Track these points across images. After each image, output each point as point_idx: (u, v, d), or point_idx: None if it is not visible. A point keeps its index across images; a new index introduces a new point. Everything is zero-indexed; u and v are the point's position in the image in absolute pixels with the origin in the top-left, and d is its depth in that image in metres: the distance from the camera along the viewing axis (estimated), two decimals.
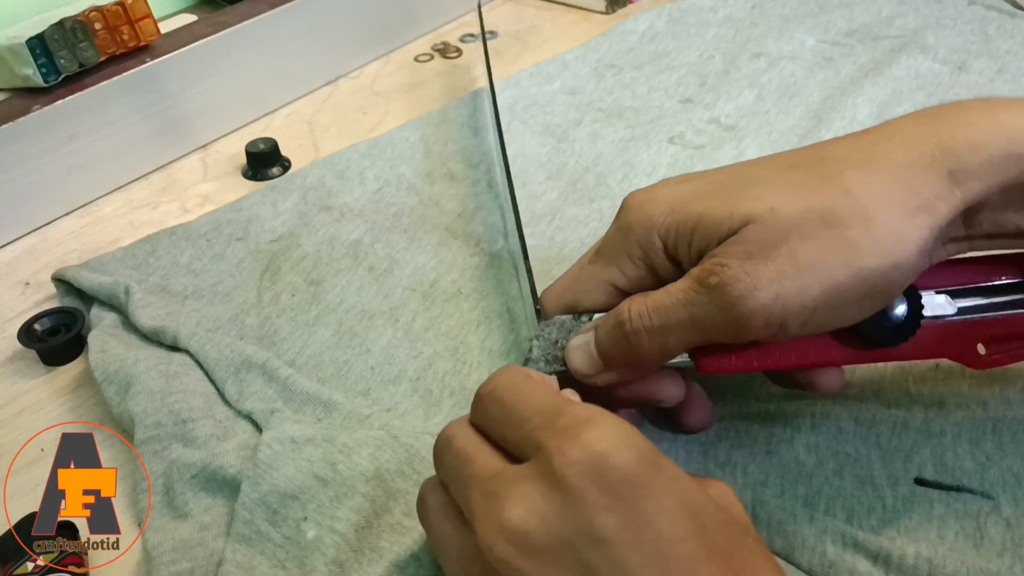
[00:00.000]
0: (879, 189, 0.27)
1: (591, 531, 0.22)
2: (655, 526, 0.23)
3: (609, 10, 0.75)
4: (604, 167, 0.53)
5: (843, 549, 0.30)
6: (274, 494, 0.33)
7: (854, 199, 0.27)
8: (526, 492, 0.24)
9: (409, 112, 0.62)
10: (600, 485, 0.23)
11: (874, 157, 0.28)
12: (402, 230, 0.49)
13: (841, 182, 0.27)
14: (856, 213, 0.27)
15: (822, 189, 0.27)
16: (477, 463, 0.26)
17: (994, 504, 0.31)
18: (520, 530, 0.23)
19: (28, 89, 0.52)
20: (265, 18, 0.60)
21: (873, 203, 0.27)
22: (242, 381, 0.38)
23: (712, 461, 0.34)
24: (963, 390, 0.36)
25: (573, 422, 0.24)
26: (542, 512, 0.23)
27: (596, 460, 0.23)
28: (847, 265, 0.27)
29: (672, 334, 0.29)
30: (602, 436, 0.24)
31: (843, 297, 0.27)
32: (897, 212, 0.27)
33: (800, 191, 0.28)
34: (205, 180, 0.56)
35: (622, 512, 0.23)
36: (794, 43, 0.66)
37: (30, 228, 0.53)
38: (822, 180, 0.28)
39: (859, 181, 0.27)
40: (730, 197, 0.28)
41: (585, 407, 0.25)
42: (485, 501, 0.24)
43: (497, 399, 0.27)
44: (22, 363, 0.43)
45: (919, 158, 0.27)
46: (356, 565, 0.31)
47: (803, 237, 0.27)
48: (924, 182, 0.27)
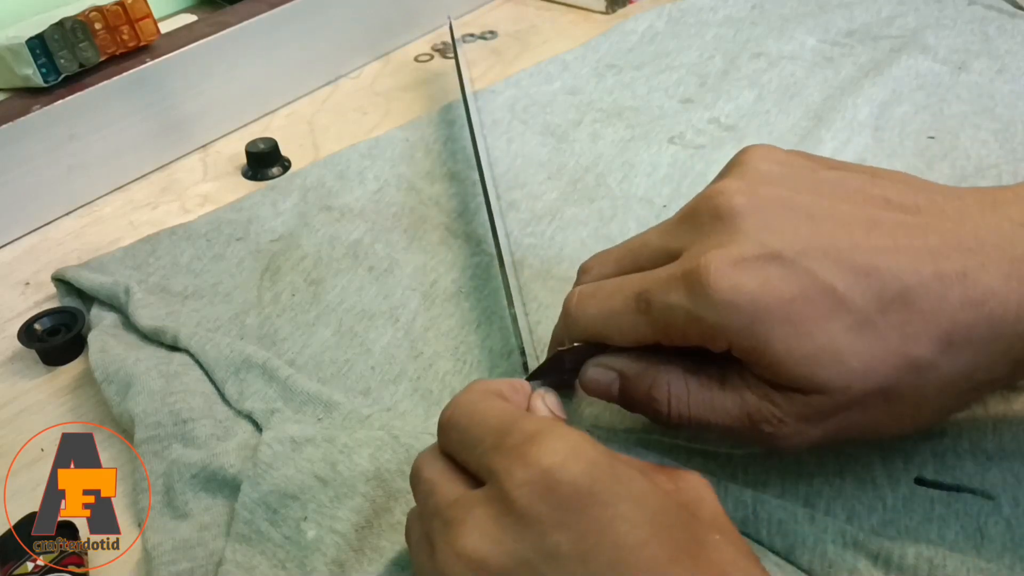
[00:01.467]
0: (947, 370, 0.27)
1: (545, 550, 0.22)
2: (610, 535, 0.22)
3: (609, 10, 0.75)
4: (604, 167, 0.53)
5: (843, 549, 0.30)
6: (274, 494, 0.33)
7: (921, 379, 0.27)
8: (479, 518, 0.24)
9: (409, 112, 0.62)
10: (550, 502, 0.23)
11: (958, 327, 0.26)
12: (402, 230, 0.49)
13: (920, 356, 0.26)
14: (916, 393, 0.27)
15: (898, 367, 0.26)
16: (439, 492, 0.26)
17: (994, 504, 0.31)
18: (476, 557, 0.23)
19: (28, 89, 0.52)
20: (265, 18, 0.60)
21: (935, 386, 0.27)
22: (242, 381, 0.38)
23: (713, 460, 0.34)
24: None
25: (521, 439, 0.24)
26: (496, 537, 0.23)
27: (543, 477, 0.23)
28: (883, 430, 0.28)
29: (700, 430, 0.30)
30: (549, 451, 0.23)
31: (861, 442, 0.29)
32: (951, 393, 0.27)
33: (877, 364, 0.26)
34: (205, 180, 0.56)
35: (575, 525, 0.22)
36: (794, 43, 0.66)
37: (30, 228, 0.53)
38: (902, 349, 0.26)
39: (934, 359, 0.26)
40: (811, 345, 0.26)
41: (535, 421, 0.25)
42: (443, 529, 0.24)
43: (455, 424, 0.27)
44: (22, 363, 0.43)
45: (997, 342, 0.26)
46: (357, 565, 0.31)
47: (863, 410, 0.27)
48: (988, 369, 0.27)
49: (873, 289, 0.26)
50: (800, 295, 0.26)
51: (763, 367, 0.27)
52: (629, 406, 0.31)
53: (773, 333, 0.26)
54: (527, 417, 0.26)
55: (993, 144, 0.52)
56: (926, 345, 0.26)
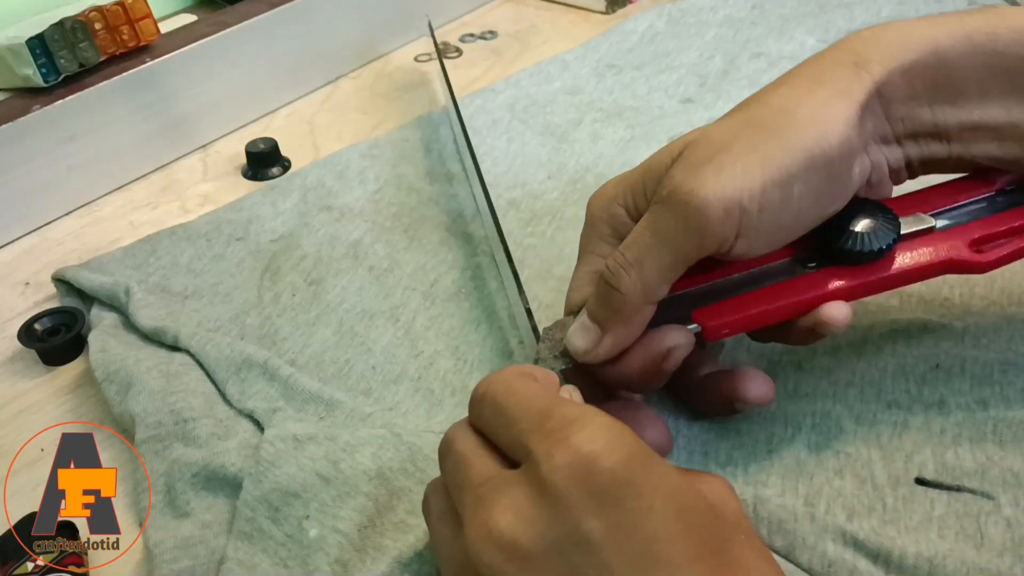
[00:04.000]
0: (796, 93, 0.30)
1: (578, 535, 0.22)
2: (643, 527, 0.22)
3: (609, 10, 0.75)
4: (604, 167, 0.53)
5: (843, 548, 0.30)
6: (276, 492, 0.33)
7: (776, 103, 0.30)
8: (514, 497, 0.24)
9: (409, 112, 0.62)
10: (587, 488, 0.23)
11: (789, 77, 0.31)
12: (402, 230, 0.49)
13: (764, 99, 0.30)
14: (780, 111, 0.30)
15: (748, 108, 0.31)
16: (473, 467, 0.26)
17: (994, 504, 0.31)
18: (508, 536, 0.23)
19: (28, 89, 0.52)
20: (265, 18, 0.60)
21: (793, 102, 0.30)
22: (243, 380, 0.38)
23: (713, 460, 0.34)
24: (964, 389, 0.36)
25: (561, 423, 0.24)
26: (530, 518, 0.23)
27: (583, 463, 0.23)
28: (785, 150, 0.29)
29: (648, 263, 0.29)
30: (590, 437, 0.23)
31: (787, 175, 0.29)
32: (815, 102, 0.30)
33: (729, 116, 0.31)
34: (205, 180, 0.56)
35: (609, 514, 0.22)
36: (794, 43, 0.66)
37: (30, 228, 0.53)
38: (747, 104, 0.31)
39: (779, 93, 0.30)
40: (667, 147, 0.31)
41: (575, 406, 0.25)
42: (475, 506, 0.24)
43: (490, 401, 0.27)
44: (22, 363, 0.43)
45: (826, 63, 0.31)
46: (359, 564, 0.31)
47: (736, 138, 0.29)
48: (832, 76, 0.30)
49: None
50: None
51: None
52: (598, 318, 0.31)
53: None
54: (567, 402, 0.26)
55: None
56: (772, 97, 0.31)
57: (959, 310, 0.40)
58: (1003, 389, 0.36)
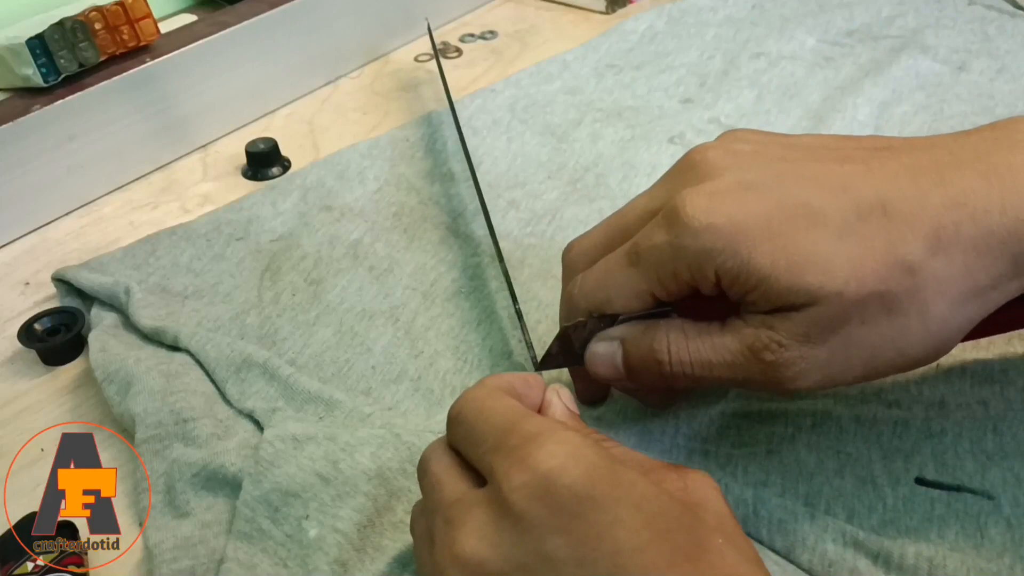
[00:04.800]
0: (942, 272, 0.26)
1: (542, 554, 0.22)
2: (608, 540, 0.22)
3: (609, 10, 0.75)
4: (604, 167, 0.53)
5: (844, 548, 0.30)
6: (276, 492, 0.33)
7: (917, 282, 0.26)
8: (479, 520, 0.24)
9: (409, 112, 0.62)
10: (549, 506, 0.23)
11: (942, 228, 0.26)
12: (402, 230, 0.49)
13: (907, 258, 0.26)
14: (915, 299, 0.26)
15: (888, 266, 0.26)
16: (444, 488, 0.26)
17: (995, 504, 0.31)
18: (474, 560, 0.23)
19: (28, 89, 0.52)
20: (265, 18, 0.60)
21: (933, 289, 0.26)
22: (243, 380, 0.38)
23: (713, 460, 0.34)
24: (964, 389, 0.36)
25: (520, 441, 0.24)
26: (494, 540, 0.23)
27: (542, 480, 0.23)
28: (895, 349, 0.27)
29: (708, 382, 0.29)
30: (548, 454, 0.23)
31: (881, 370, 0.28)
32: (952, 298, 0.26)
33: (866, 264, 0.26)
34: (205, 180, 0.56)
35: (573, 530, 0.22)
36: (794, 43, 0.66)
37: (30, 228, 0.53)
38: (889, 251, 0.26)
39: (924, 260, 0.26)
40: (797, 257, 0.26)
41: (537, 422, 0.25)
42: (444, 528, 0.24)
43: (462, 420, 0.27)
44: (22, 363, 0.43)
45: (988, 239, 0.26)
46: (359, 564, 0.31)
47: (862, 322, 0.26)
48: (986, 269, 0.26)
49: (850, 201, 0.27)
50: (777, 210, 0.27)
51: (751, 288, 0.27)
52: (633, 374, 0.31)
53: (755, 249, 0.26)
54: (529, 418, 0.26)
55: None
56: (913, 244, 0.26)
57: None
58: (1003, 389, 0.36)
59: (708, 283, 0.28)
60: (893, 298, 0.26)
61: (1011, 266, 0.26)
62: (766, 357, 0.27)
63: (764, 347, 0.27)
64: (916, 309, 0.26)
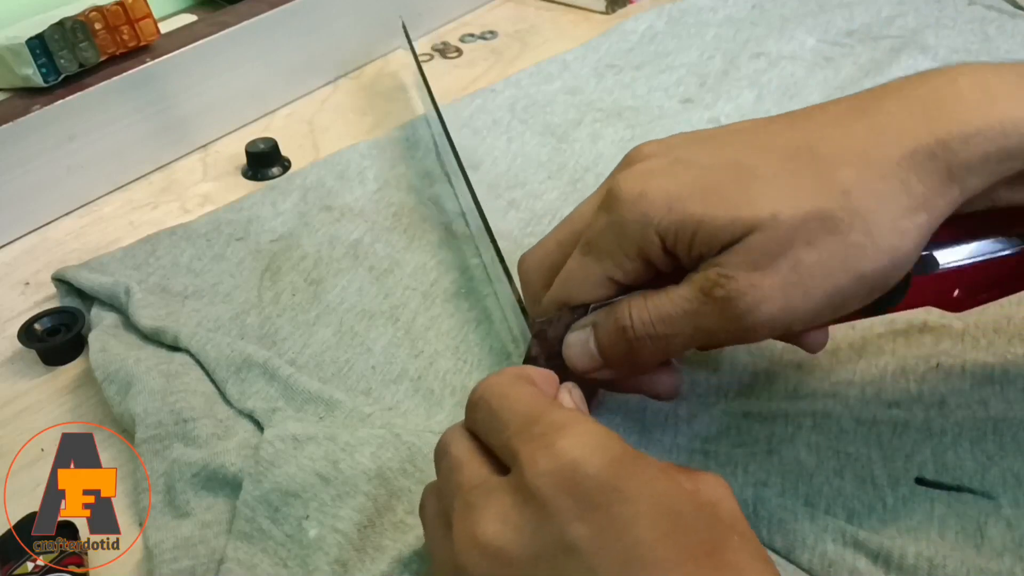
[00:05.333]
0: (877, 188, 0.27)
1: (564, 542, 0.22)
2: (630, 531, 0.22)
3: (609, 10, 0.75)
4: (604, 167, 0.53)
5: (844, 548, 0.30)
6: (276, 492, 0.33)
7: (854, 202, 0.27)
8: (501, 505, 0.24)
9: (410, 112, 0.62)
10: (572, 494, 0.23)
11: (869, 153, 0.27)
12: (402, 230, 0.49)
13: (839, 182, 0.27)
14: (856, 216, 0.26)
15: (821, 190, 0.27)
16: (464, 472, 0.26)
17: (995, 504, 0.31)
18: (494, 544, 0.23)
19: (28, 89, 0.52)
20: (265, 18, 0.60)
21: (872, 205, 0.27)
22: (243, 380, 0.38)
23: (713, 460, 0.34)
24: (964, 389, 0.36)
25: (546, 429, 0.24)
26: (516, 525, 0.23)
27: (567, 469, 0.23)
28: (849, 270, 0.27)
29: (676, 340, 0.29)
30: (574, 443, 0.23)
31: (845, 297, 0.28)
32: (895, 212, 0.27)
33: (799, 192, 0.27)
34: (205, 180, 0.56)
35: (595, 520, 0.22)
36: (794, 43, 0.66)
37: (30, 228, 0.53)
38: (820, 179, 0.27)
39: (857, 181, 0.27)
40: (730, 198, 0.28)
41: (563, 412, 0.25)
42: (464, 512, 0.24)
43: (484, 405, 0.27)
44: (22, 363, 0.43)
45: (915, 154, 0.27)
46: (359, 564, 0.31)
47: (806, 244, 0.27)
48: (922, 180, 0.27)
49: (777, 150, 0.28)
50: (707, 171, 0.28)
51: (692, 236, 0.28)
52: (608, 357, 0.31)
53: (689, 201, 0.28)
54: (556, 407, 0.26)
55: None
56: (843, 170, 0.27)
57: None
58: (1003, 389, 0.36)
59: (656, 250, 0.29)
60: (832, 217, 0.26)
61: (947, 175, 0.27)
62: (717, 293, 0.27)
63: (714, 284, 0.27)
64: (859, 226, 0.26)
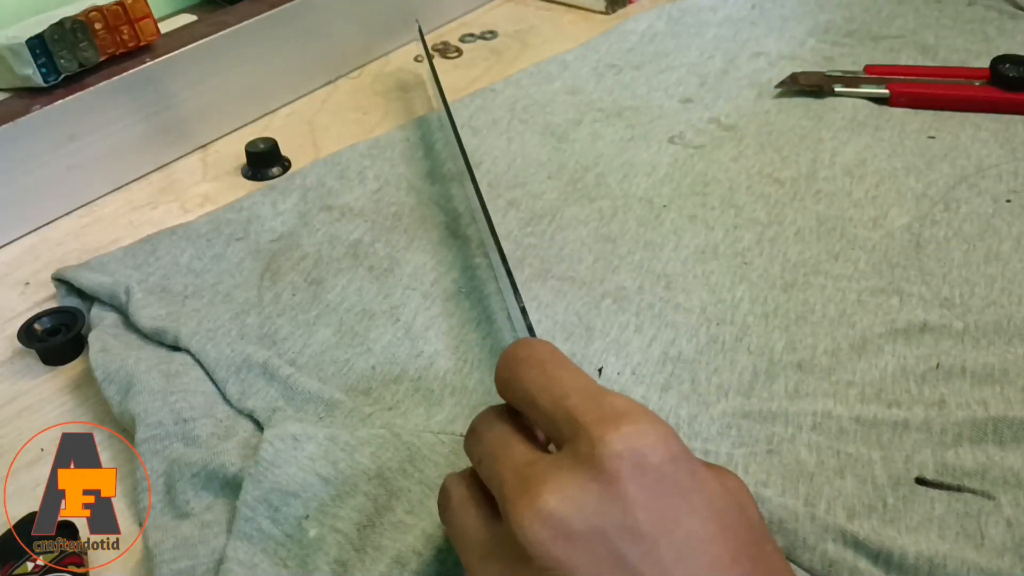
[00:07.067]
0: None
1: (628, 524, 0.23)
2: (685, 525, 0.23)
3: (609, 10, 0.75)
4: (604, 167, 0.53)
5: (844, 548, 0.30)
6: (276, 492, 0.33)
7: None
8: (565, 479, 0.24)
9: (409, 112, 0.62)
10: (638, 480, 0.23)
11: None
12: (402, 230, 0.49)
13: None
14: None
15: None
16: (514, 449, 0.26)
17: (994, 504, 0.31)
18: (556, 516, 0.23)
19: (28, 89, 0.52)
20: (265, 18, 0.60)
21: None
22: (243, 380, 0.38)
23: (713, 460, 0.34)
24: (964, 389, 0.36)
25: (613, 413, 0.24)
26: (580, 500, 0.23)
27: (636, 455, 0.23)
28: None
29: None
30: (642, 432, 0.24)
31: None
32: None
33: None
34: (205, 180, 0.56)
35: (656, 509, 0.23)
36: (794, 43, 0.66)
37: (30, 228, 0.53)
38: None
39: None
40: None
41: (624, 399, 0.25)
42: (521, 485, 0.24)
43: (538, 363, 0.27)
44: (22, 363, 0.43)
45: None
46: (359, 564, 0.31)
47: None
48: None
49: None
50: None
51: None
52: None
53: None
54: (610, 392, 0.26)
55: (993, 144, 0.52)
56: None
57: (959, 310, 0.40)
58: (1003, 389, 0.36)
59: None
60: None
61: None
62: None
63: None
64: None
